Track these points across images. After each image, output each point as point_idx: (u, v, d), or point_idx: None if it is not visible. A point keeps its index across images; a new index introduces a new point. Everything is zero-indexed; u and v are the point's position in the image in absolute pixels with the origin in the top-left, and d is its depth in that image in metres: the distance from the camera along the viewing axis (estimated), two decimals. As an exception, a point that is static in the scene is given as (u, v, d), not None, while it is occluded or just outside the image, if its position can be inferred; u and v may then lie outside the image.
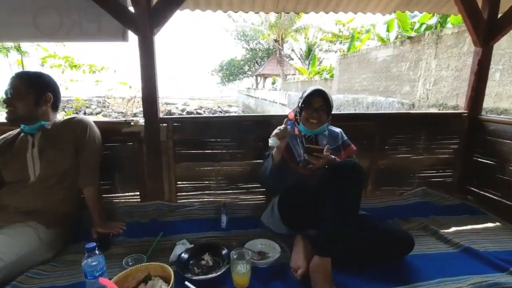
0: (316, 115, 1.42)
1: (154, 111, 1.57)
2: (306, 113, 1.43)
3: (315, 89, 1.42)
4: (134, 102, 6.41)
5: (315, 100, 1.41)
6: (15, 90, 1.24)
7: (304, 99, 1.43)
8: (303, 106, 1.44)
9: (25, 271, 1.13)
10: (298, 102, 1.50)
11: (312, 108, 1.41)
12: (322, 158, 1.21)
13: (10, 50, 5.96)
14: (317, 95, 1.41)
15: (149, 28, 1.45)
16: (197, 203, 1.74)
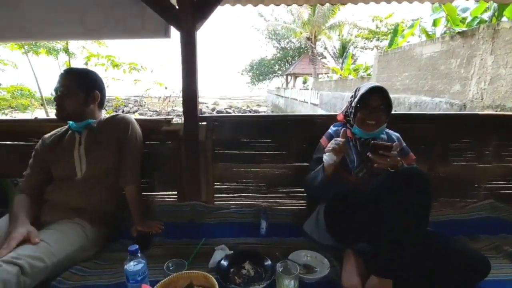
0: (375, 115, 1.25)
1: (193, 109, 1.53)
2: (362, 113, 1.27)
3: (373, 86, 1.26)
4: (169, 102, 6.61)
5: (373, 98, 1.25)
6: (64, 88, 1.25)
7: (359, 98, 1.27)
8: (358, 105, 1.28)
9: (69, 267, 1.14)
10: (351, 102, 1.35)
11: (369, 108, 1.26)
12: (389, 158, 1.06)
13: (60, 52, 6.46)
14: (375, 92, 1.25)
15: (192, 24, 1.40)
16: (234, 205, 1.67)
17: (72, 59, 6.83)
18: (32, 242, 1.02)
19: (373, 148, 1.09)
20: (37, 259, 0.98)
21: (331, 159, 1.13)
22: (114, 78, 5.83)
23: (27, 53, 6.53)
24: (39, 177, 1.33)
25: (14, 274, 0.90)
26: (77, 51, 6.41)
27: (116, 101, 8.29)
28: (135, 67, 5.15)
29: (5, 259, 0.91)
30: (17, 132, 1.64)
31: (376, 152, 1.08)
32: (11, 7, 1.47)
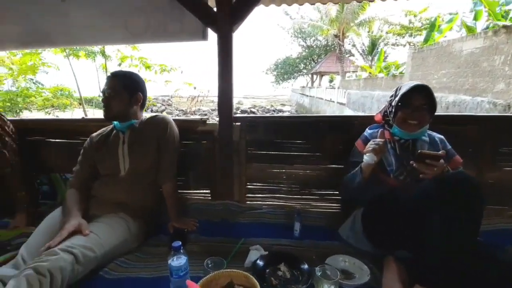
0: (417, 114, 1.20)
1: (228, 110, 1.55)
2: (403, 113, 1.22)
3: (416, 84, 1.19)
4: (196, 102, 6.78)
5: (416, 97, 1.19)
6: (111, 90, 1.33)
7: (401, 96, 1.21)
8: (399, 104, 1.23)
9: (114, 259, 1.21)
10: (391, 101, 1.29)
11: (411, 107, 1.20)
12: (436, 167, 1.01)
13: (97, 55, 6.88)
14: (418, 91, 1.19)
15: (229, 26, 1.42)
16: (266, 206, 1.67)
17: (108, 61, 7.24)
18: (83, 233, 1.10)
19: (419, 157, 1.04)
20: (89, 249, 1.06)
21: (371, 159, 1.10)
22: (145, 79, 6.10)
23: (68, 57, 7.03)
24: (87, 173, 1.42)
25: (70, 262, 0.97)
26: (112, 54, 6.79)
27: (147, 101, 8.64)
28: (165, 68, 5.36)
29: (62, 247, 0.99)
30: (66, 131, 1.77)
31: (422, 161, 1.02)
32: (62, 15, 1.59)
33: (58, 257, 0.95)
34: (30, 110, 7.36)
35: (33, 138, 1.79)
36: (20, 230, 1.50)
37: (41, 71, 6.80)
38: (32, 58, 6.60)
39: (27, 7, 1.61)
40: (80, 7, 1.55)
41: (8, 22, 1.67)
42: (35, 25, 1.62)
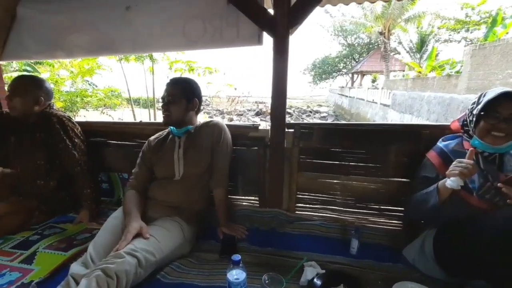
0: (505, 126, 1.03)
1: (281, 116, 1.50)
2: (487, 123, 1.05)
3: (504, 90, 1.02)
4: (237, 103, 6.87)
5: (505, 105, 1.02)
6: (171, 96, 1.36)
7: (485, 104, 1.05)
8: (482, 114, 1.06)
9: (169, 263, 1.23)
10: (471, 109, 1.13)
11: (498, 117, 1.03)
12: None
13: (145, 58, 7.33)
14: (508, 99, 1.02)
15: (286, 29, 1.37)
16: (317, 218, 1.59)
17: (155, 64, 7.69)
18: (144, 237, 1.13)
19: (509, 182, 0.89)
20: (150, 253, 1.08)
21: (457, 184, 0.96)
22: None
23: (120, 61, 7.61)
24: (145, 176, 1.48)
25: (134, 265, 1.00)
26: (158, 57, 7.20)
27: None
28: (209, 70, 5.52)
29: (126, 250, 1.02)
30: (125, 133, 1.87)
31: None
32: (126, 23, 1.67)
33: (123, 260, 0.98)
34: (86, 109, 8.12)
35: (96, 139, 1.92)
36: (83, 226, 1.62)
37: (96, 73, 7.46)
38: (89, 62, 7.25)
39: (94, 17, 1.72)
40: (142, 15, 1.61)
41: (78, 31, 1.80)
42: (101, 33, 1.73)
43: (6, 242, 1.45)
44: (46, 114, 1.65)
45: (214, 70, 5.57)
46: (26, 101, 1.59)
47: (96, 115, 8.21)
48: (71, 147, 1.65)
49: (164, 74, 7.34)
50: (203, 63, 5.75)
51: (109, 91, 8.14)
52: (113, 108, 8.39)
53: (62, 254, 1.34)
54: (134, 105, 9.50)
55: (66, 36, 1.83)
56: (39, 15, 1.87)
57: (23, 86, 1.60)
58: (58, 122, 1.64)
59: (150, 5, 1.59)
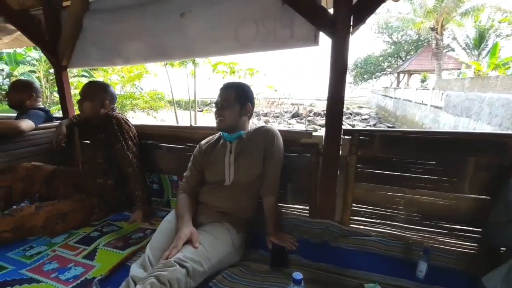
0: None
1: (337, 122, 1.40)
2: None
3: None
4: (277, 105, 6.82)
5: None
6: (225, 101, 1.35)
7: None
8: None
9: (220, 271, 1.20)
10: None
11: None
12: None
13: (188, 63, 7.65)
14: None
15: (347, 29, 1.27)
16: (375, 233, 1.45)
17: (197, 68, 7.99)
18: (194, 245, 1.11)
19: None
20: (197, 263, 1.06)
21: None
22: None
23: (165, 65, 8.05)
24: (196, 179, 1.48)
25: (184, 274, 0.99)
26: (200, 61, 7.47)
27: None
28: (251, 72, 5.57)
29: (176, 260, 1.01)
30: (176, 137, 1.92)
31: None
32: (180, 30, 1.71)
33: (175, 268, 0.97)
34: (134, 111, 8.74)
35: (148, 142, 2.00)
36: (137, 225, 1.68)
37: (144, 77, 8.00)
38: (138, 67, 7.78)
39: (151, 25, 1.79)
40: (196, 21, 1.63)
41: (135, 39, 1.90)
42: (156, 40, 1.80)
43: (71, 237, 1.56)
44: (107, 116, 1.76)
45: (255, 71, 5.59)
46: (94, 104, 1.72)
47: (143, 116, 8.80)
48: (125, 148, 1.73)
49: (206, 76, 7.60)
50: (244, 65, 5.82)
51: (154, 94, 8.68)
52: (156, 110, 8.92)
53: (120, 252, 1.39)
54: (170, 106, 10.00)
55: (125, 44, 1.94)
56: (101, 25, 2.01)
57: (91, 91, 1.73)
58: (116, 124, 1.73)
59: (203, 11, 1.60)
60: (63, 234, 1.58)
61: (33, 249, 1.45)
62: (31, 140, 2.11)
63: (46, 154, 2.15)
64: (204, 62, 7.16)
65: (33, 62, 13.73)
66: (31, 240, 1.53)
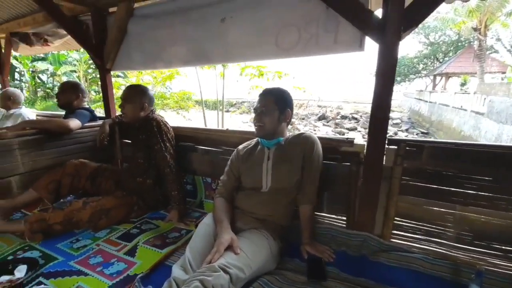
0: None
1: (382, 130, 1.33)
2: None
3: None
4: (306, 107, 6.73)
5: None
6: (265, 107, 1.34)
7: None
8: None
9: (257, 278, 1.19)
10: None
11: None
12: None
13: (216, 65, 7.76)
14: None
15: (397, 34, 1.20)
16: (418, 250, 1.36)
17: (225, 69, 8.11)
18: (235, 251, 1.11)
19: None
20: (240, 270, 1.06)
21: None
22: (256, 86, 6.53)
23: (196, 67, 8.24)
24: (233, 184, 1.49)
25: (227, 281, 0.98)
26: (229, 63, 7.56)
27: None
28: (279, 74, 5.53)
29: (220, 265, 1.01)
30: (211, 140, 1.95)
31: None
32: (220, 35, 1.74)
33: (219, 274, 0.97)
34: (165, 110, 9.06)
35: (185, 144, 2.05)
36: (172, 224, 1.73)
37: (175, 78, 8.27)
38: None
39: (192, 30, 1.84)
40: (236, 26, 1.65)
41: (177, 43, 1.96)
42: (197, 45, 1.84)
43: (112, 232, 1.64)
44: (148, 118, 1.83)
45: (284, 74, 5.55)
46: (134, 107, 1.79)
47: (173, 115, 9.11)
48: (164, 149, 1.79)
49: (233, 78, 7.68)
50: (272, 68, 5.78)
51: (183, 94, 8.93)
52: (186, 110, 9.17)
53: (158, 251, 1.44)
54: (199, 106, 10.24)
55: (166, 48, 2.01)
56: (145, 31, 2.09)
57: (131, 95, 1.81)
58: (156, 126, 1.80)
59: (244, 16, 1.61)
60: (106, 229, 1.67)
61: (79, 242, 1.54)
62: (77, 138, 2.26)
63: (90, 151, 2.30)
64: (233, 64, 7.24)
65: (74, 62, 14.81)
66: (77, 233, 1.63)
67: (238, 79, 7.06)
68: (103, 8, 2.29)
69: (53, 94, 15.25)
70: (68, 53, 14.17)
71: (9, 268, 1.28)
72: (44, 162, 2.06)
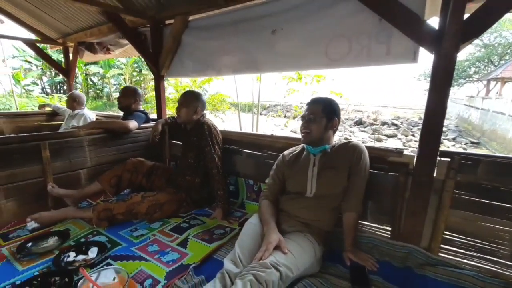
0: None
1: (434, 142, 1.31)
2: None
3: None
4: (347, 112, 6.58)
5: None
6: (313, 115, 1.40)
7: None
8: None
9: (301, 280, 1.25)
10: None
11: None
12: None
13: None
14: None
15: (455, 46, 1.18)
16: (469, 266, 1.31)
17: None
18: (283, 251, 1.18)
19: None
20: (289, 269, 1.12)
21: None
22: (293, 90, 6.56)
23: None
24: (278, 188, 1.57)
25: (277, 277, 1.06)
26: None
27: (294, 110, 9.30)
28: (318, 78, 5.52)
29: (272, 263, 1.09)
30: (256, 144, 2.05)
31: None
32: (270, 46, 1.83)
33: (271, 271, 1.05)
34: (203, 112, 9.48)
35: (230, 147, 2.17)
36: (217, 221, 1.86)
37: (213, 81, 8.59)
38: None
39: (243, 41, 1.96)
40: (286, 38, 1.73)
41: (227, 53, 2.10)
42: (247, 54, 1.95)
43: (165, 225, 1.81)
44: (200, 122, 1.99)
45: (323, 78, 5.52)
46: (189, 111, 1.96)
47: (211, 117, 9.47)
48: (213, 151, 1.92)
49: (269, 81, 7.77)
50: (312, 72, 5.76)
51: (221, 96, 9.26)
52: (223, 112, 9.48)
53: (207, 245, 1.56)
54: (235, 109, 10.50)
55: (217, 57, 2.17)
56: (198, 41, 2.27)
57: (187, 99, 1.98)
58: (207, 129, 1.94)
59: (295, 28, 1.69)
60: (159, 221, 1.84)
61: (138, 231, 1.72)
62: (133, 137, 2.51)
63: (143, 149, 2.54)
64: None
65: (121, 66, 16.10)
66: (135, 223, 1.82)
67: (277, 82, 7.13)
68: (161, 20, 2.52)
69: (102, 94, 16.67)
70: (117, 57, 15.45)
71: (83, 249, 1.49)
72: (106, 158, 2.32)
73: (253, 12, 1.87)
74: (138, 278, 1.29)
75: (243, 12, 1.93)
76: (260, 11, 1.83)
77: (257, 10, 1.85)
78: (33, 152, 1.88)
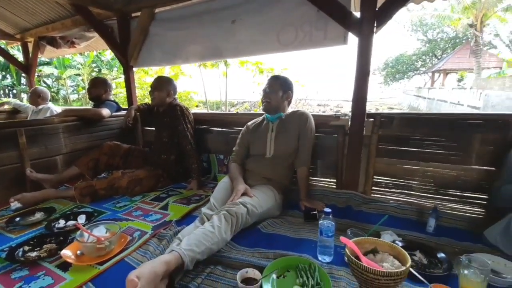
0: None
1: (362, 107, 1.69)
2: None
3: None
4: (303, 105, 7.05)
5: None
6: (272, 87, 1.72)
7: None
8: None
9: (265, 219, 1.55)
10: None
11: None
12: None
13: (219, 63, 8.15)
14: None
15: (371, 29, 1.56)
16: (393, 201, 1.71)
17: (228, 68, 8.49)
18: (249, 195, 1.48)
19: None
20: (254, 206, 1.42)
21: None
22: (259, 83, 6.95)
23: (200, 67, 8.63)
24: (243, 152, 1.86)
25: (245, 212, 1.35)
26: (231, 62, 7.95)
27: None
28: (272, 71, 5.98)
29: (240, 202, 1.38)
30: (224, 122, 2.33)
31: None
32: (231, 34, 2.10)
33: (240, 206, 1.34)
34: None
35: (202, 127, 2.42)
36: (193, 192, 2.10)
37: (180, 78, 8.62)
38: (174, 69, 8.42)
39: (207, 30, 2.21)
40: (245, 27, 2.02)
41: (193, 42, 2.33)
42: (211, 43, 2.21)
43: (146, 197, 2.01)
44: (172, 104, 2.20)
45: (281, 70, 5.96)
46: (162, 94, 2.17)
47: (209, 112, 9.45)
48: (186, 129, 2.15)
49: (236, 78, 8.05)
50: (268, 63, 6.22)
51: (188, 94, 9.30)
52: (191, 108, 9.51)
53: (186, 206, 1.81)
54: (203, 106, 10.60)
55: (184, 46, 2.39)
56: (165, 32, 2.47)
57: (160, 83, 2.18)
58: (180, 110, 2.17)
59: (251, 18, 1.98)
60: (139, 195, 2.03)
61: (120, 203, 1.90)
62: (107, 125, 2.64)
63: (116, 136, 2.67)
64: (235, 63, 7.65)
65: (78, 66, 15.13)
66: (117, 197, 1.99)
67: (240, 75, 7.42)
68: (128, 13, 2.66)
69: (58, 97, 15.56)
70: (72, 57, 14.50)
71: (71, 218, 1.65)
72: (81, 144, 2.43)
73: (215, 4, 2.13)
74: (127, 232, 1.50)
75: (206, 4, 2.18)
76: (221, 3, 2.09)
77: (218, 2, 2.11)
78: (9, 138, 1.96)
